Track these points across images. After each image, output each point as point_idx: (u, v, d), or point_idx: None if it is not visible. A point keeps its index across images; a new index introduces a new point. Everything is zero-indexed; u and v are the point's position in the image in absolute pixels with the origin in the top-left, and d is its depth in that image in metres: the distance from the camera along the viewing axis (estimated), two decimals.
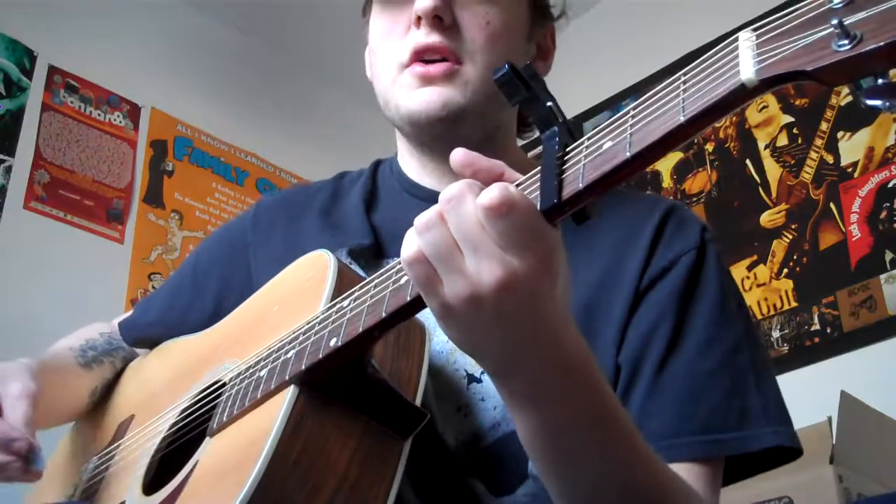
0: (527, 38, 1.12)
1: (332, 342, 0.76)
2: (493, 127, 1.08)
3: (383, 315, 0.72)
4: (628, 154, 0.58)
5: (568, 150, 0.63)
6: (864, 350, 2.45)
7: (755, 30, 0.52)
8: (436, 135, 1.06)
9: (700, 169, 3.01)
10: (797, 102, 2.81)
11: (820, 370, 2.50)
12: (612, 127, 0.60)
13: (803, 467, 1.85)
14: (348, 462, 0.77)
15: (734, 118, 2.95)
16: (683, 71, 0.56)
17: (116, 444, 1.08)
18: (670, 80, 0.57)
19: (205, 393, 0.96)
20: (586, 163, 0.61)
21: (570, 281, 0.72)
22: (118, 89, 3.18)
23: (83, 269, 2.89)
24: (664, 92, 0.57)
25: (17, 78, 2.94)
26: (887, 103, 0.47)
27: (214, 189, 3.36)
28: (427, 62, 1.03)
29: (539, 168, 0.65)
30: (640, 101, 0.59)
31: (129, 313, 1.30)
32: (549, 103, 0.66)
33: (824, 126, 2.73)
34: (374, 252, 1.06)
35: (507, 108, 1.09)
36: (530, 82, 0.67)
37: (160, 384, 1.11)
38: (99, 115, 3.12)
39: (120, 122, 3.17)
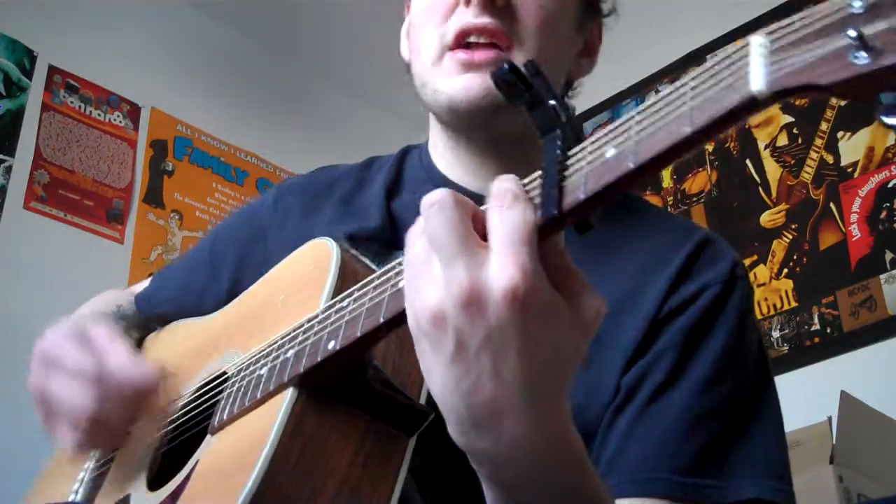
0: (576, 30, 1.08)
1: (331, 345, 0.73)
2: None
3: (381, 321, 0.69)
4: (632, 165, 0.54)
5: (570, 154, 0.59)
6: (864, 350, 2.45)
7: (769, 33, 0.49)
8: (475, 124, 1.00)
9: (700, 169, 3.01)
10: (797, 102, 2.80)
11: (820, 370, 2.50)
12: (615, 132, 0.57)
13: (803, 467, 1.86)
14: (350, 462, 0.75)
15: None
16: (692, 76, 0.53)
17: None
18: (677, 84, 0.54)
19: (208, 386, 0.96)
20: (588, 171, 0.57)
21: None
22: (118, 89, 3.18)
23: (83, 269, 2.88)
24: (671, 97, 0.54)
25: (17, 78, 2.94)
26: None
27: (214, 189, 3.36)
28: (472, 46, 0.98)
29: (539, 173, 0.61)
30: (645, 105, 0.56)
31: (146, 285, 1.26)
32: (552, 102, 0.62)
33: (824, 126, 2.73)
34: (388, 241, 1.01)
35: None
36: (531, 81, 0.63)
37: None
38: (99, 115, 3.11)
39: (120, 122, 3.16)
